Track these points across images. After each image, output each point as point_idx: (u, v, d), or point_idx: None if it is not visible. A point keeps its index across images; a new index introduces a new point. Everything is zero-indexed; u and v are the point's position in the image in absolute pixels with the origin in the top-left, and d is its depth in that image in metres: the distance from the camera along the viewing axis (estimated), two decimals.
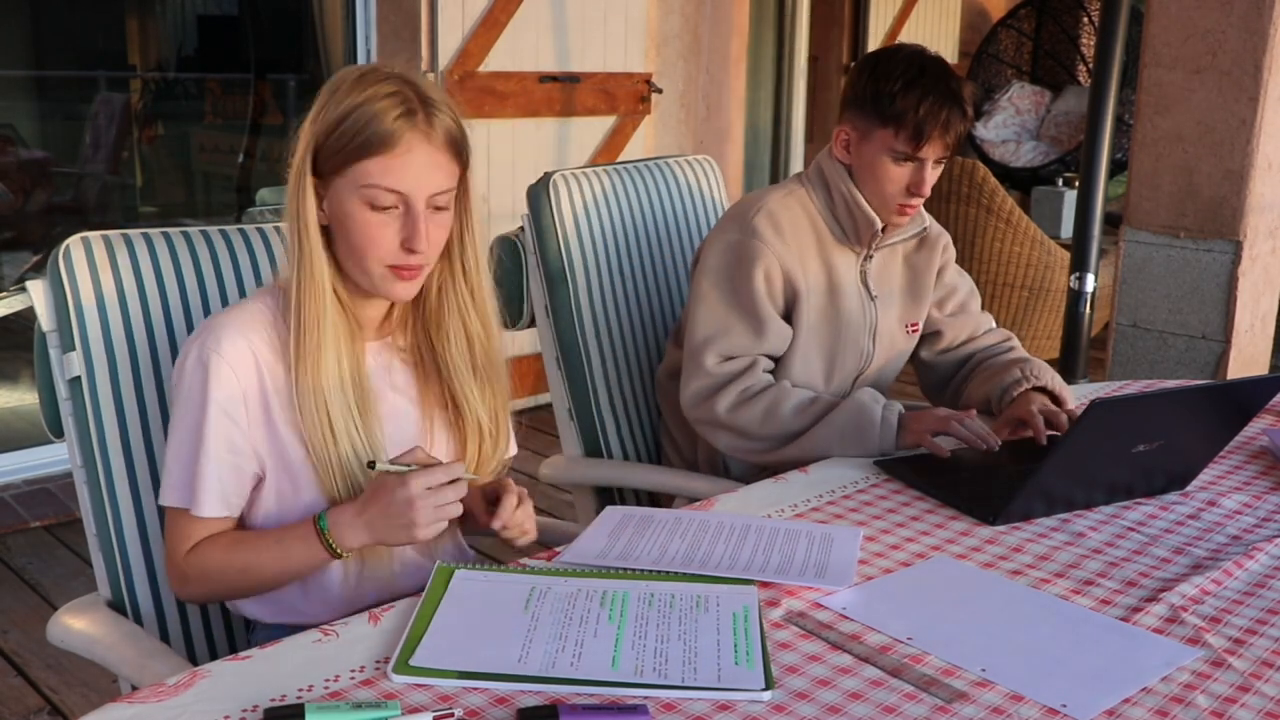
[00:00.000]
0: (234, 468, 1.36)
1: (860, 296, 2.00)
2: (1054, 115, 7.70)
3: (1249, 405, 1.65)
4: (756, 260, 1.89)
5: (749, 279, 1.89)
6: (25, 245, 4.88)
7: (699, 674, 1.12)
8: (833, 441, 1.82)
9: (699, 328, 1.92)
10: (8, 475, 3.59)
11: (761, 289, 1.90)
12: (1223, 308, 3.09)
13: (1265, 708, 1.11)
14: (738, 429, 1.88)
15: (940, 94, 1.82)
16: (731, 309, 1.91)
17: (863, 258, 2.00)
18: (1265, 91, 2.96)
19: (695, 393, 1.91)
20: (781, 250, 1.91)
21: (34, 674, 2.61)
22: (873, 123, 1.87)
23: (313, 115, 1.34)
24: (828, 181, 1.96)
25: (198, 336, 1.35)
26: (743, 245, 1.91)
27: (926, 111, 1.81)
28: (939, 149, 1.85)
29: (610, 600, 1.26)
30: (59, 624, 1.44)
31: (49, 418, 1.51)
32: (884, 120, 1.84)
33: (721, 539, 1.44)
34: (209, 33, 5.96)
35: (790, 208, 1.95)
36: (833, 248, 1.97)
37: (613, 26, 4.55)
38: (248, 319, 1.36)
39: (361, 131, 1.30)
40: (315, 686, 1.08)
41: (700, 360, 1.91)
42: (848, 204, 1.94)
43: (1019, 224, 4.68)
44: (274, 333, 1.36)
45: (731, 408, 1.87)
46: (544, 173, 2.14)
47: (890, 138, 1.84)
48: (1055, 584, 1.36)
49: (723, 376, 1.89)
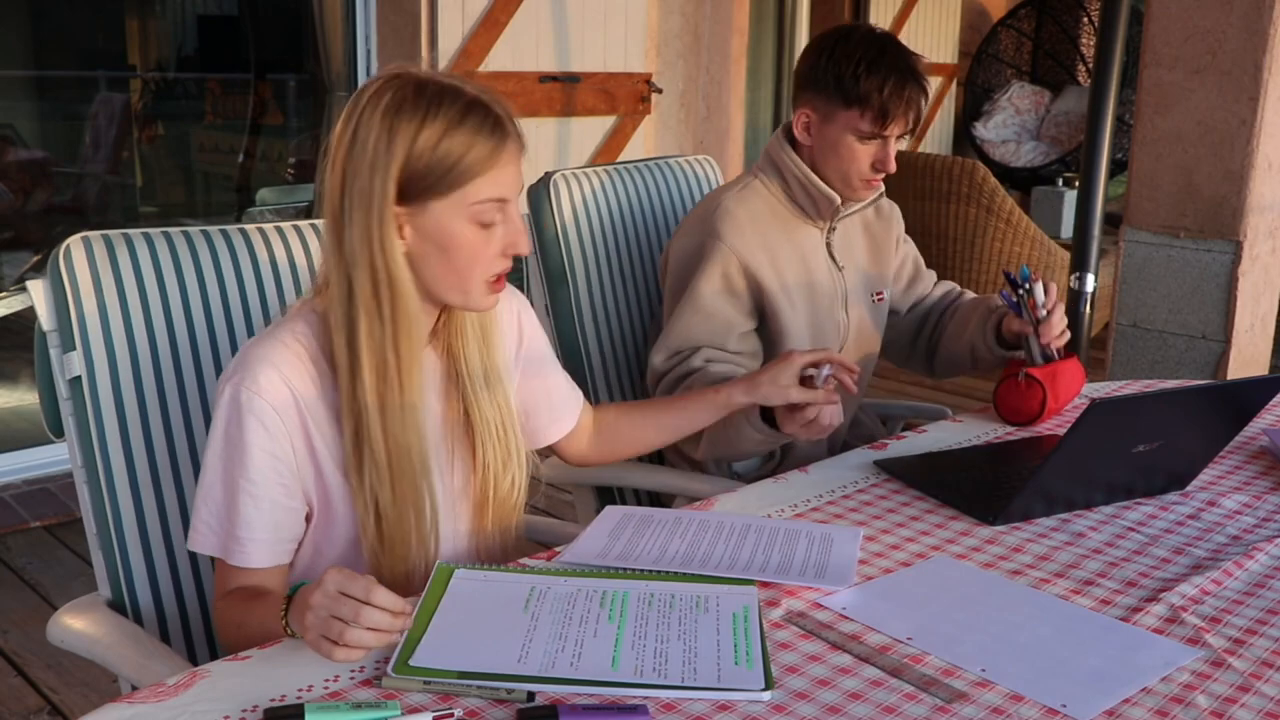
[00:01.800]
0: (287, 510, 1.32)
1: (829, 268, 2.05)
2: (1054, 115, 7.70)
3: (1249, 405, 1.65)
4: (713, 259, 1.93)
5: (701, 277, 1.93)
6: (25, 245, 4.88)
7: (699, 674, 1.12)
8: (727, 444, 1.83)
9: (667, 320, 1.97)
10: (8, 475, 3.59)
11: (716, 286, 1.93)
12: (1223, 308, 3.09)
13: (1265, 708, 1.11)
14: None
15: (902, 73, 1.87)
16: (683, 308, 1.94)
17: (826, 230, 2.05)
18: (1265, 91, 2.96)
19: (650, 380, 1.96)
20: (741, 246, 1.93)
21: (34, 674, 2.61)
22: (835, 104, 1.90)
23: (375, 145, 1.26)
24: (779, 167, 2.01)
25: (233, 374, 1.30)
26: (701, 247, 1.95)
27: (891, 92, 1.86)
28: (902, 126, 1.91)
29: (610, 600, 1.26)
30: (59, 624, 1.44)
31: (49, 417, 1.51)
32: (848, 102, 1.88)
33: (721, 539, 1.44)
34: (209, 33, 5.96)
35: (746, 200, 1.99)
36: (797, 227, 2.02)
37: (613, 26, 4.55)
38: (283, 353, 1.31)
39: (465, 155, 1.28)
40: (315, 686, 1.08)
41: (652, 364, 1.95)
42: (803, 185, 1.98)
43: (1019, 224, 4.68)
44: (313, 366, 1.32)
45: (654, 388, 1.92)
46: (544, 172, 2.14)
47: (855, 118, 1.89)
48: (1055, 584, 1.36)
49: (660, 370, 1.93)
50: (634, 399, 2.19)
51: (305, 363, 1.32)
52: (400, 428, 1.31)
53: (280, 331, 1.34)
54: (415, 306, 1.32)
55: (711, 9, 5.22)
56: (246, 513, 1.30)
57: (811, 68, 1.93)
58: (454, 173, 1.28)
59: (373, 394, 1.29)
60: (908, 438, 1.90)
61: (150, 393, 1.51)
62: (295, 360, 1.31)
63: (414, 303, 1.31)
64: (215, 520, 1.31)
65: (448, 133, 1.27)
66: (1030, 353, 1.91)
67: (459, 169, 1.28)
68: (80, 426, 1.47)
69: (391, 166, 1.26)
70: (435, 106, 1.27)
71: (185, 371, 1.54)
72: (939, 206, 4.76)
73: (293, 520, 1.34)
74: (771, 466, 2.04)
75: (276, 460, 1.30)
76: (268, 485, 1.30)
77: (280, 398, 1.29)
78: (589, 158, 4.56)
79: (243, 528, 1.30)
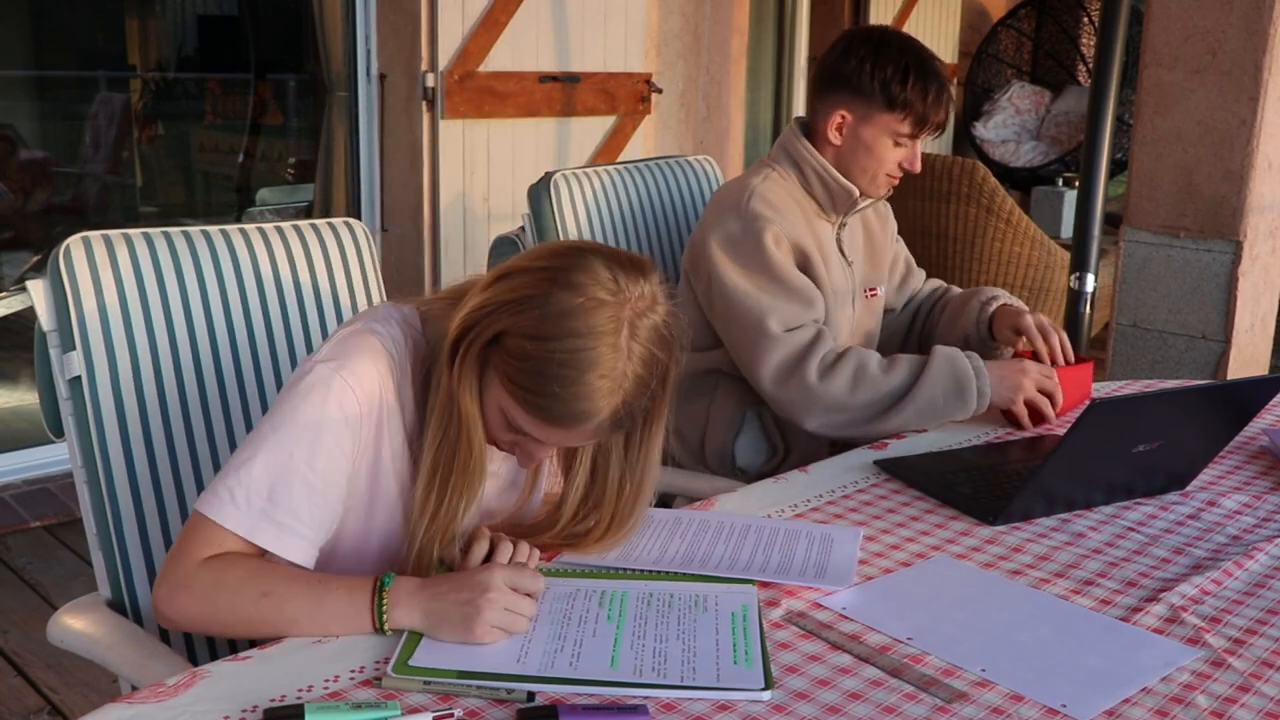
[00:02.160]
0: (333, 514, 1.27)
1: (840, 263, 2.08)
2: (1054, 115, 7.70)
3: (1249, 405, 1.65)
4: (764, 234, 1.93)
5: (768, 256, 1.92)
6: (25, 245, 4.88)
7: (698, 674, 1.12)
8: (937, 400, 1.85)
9: (748, 312, 1.92)
10: (8, 475, 3.59)
11: (783, 260, 1.94)
12: (1223, 308, 3.09)
13: (1265, 708, 1.11)
14: (831, 400, 1.86)
15: (940, 83, 1.96)
16: (767, 287, 1.92)
17: (837, 225, 2.08)
18: (1265, 91, 2.96)
19: (777, 369, 1.89)
20: (782, 223, 1.96)
21: (34, 674, 2.61)
22: (876, 108, 1.96)
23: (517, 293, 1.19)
24: (797, 160, 2.04)
25: (331, 359, 1.25)
26: (747, 229, 1.94)
27: (933, 99, 1.94)
28: (933, 130, 2.00)
29: (609, 600, 1.26)
30: (59, 624, 1.44)
31: (49, 417, 1.51)
32: (891, 106, 1.95)
33: (721, 539, 1.44)
34: (209, 33, 5.96)
35: (773, 188, 2.01)
36: (814, 221, 2.04)
37: (613, 26, 4.55)
38: (384, 354, 1.27)
39: (542, 395, 1.18)
40: (315, 687, 1.08)
41: (767, 334, 1.89)
42: (822, 179, 2.02)
43: (1019, 224, 4.67)
44: (401, 379, 1.28)
45: (819, 377, 1.87)
46: (545, 172, 2.14)
47: (896, 122, 1.96)
48: (1055, 584, 1.36)
49: (798, 345, 1.89)
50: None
51: (397, 373, 1.28)
52: None
53: (378, 327, 1.29)
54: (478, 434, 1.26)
55: (711, 9, 5.22)
56: (297, 501, 1.22)
57: (853, 71, 1.96)
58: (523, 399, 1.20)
59: None
60: (908, 438, 1.90)
61: (150, 393, 1.51)
62: (391, 366, 1.28)
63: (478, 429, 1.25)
64: (250, 495, 1.21)
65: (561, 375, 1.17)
66: None
67: (528, 402, 1.20)
68: (80, 426, 1.47)
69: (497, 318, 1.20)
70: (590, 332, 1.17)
71: (185, 371, 1.53)
72: (939, 206, 4.75)
73: (331, 526, 1.28)
74: (772, 465, 2.04)
75: (346, 460, 1.26)
76: (330, 481, 1.25)
77: (373, 397, 1.26)
78: (589, 158, 4.56)
79: (287, 515, 1.22)
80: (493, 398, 1.24)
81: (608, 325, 1.17)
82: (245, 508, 1.21)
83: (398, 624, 1.16)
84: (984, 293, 2.14)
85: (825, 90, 2.00)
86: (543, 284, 1.19)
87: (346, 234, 1.72)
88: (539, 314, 1.18)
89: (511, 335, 1.19)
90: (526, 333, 1.18)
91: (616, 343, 1.18)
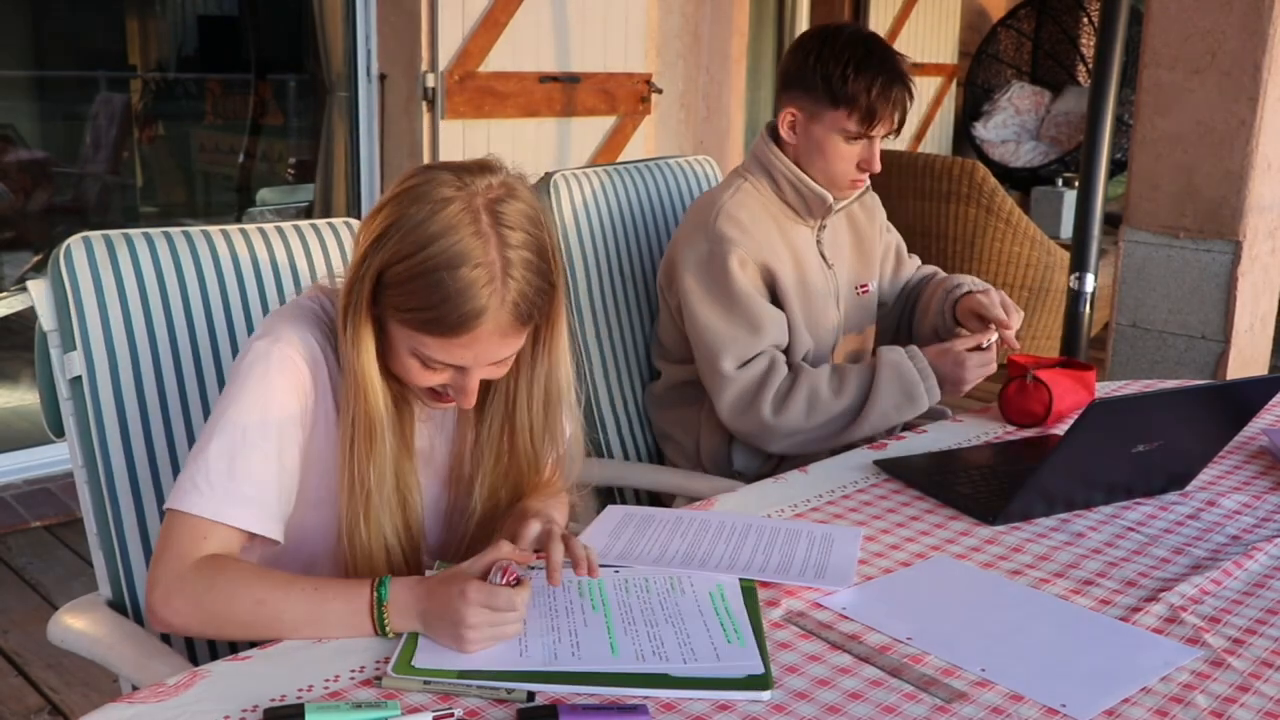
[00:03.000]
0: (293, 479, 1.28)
1: (821, 266, 2.07)
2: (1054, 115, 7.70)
3: (1249, 405, 1.65)
4: (729, 259, 1.92)
5: (730, 281, 1.92)
6: (25, 245, 4.88)
7: (697, 654, 1.14)
8: (889, 413, 1.89)
9: (704, 344, 1.95)
10: (8, 475, 3.59)
11: (745, 285, 1.93)
12: (1222, 308, 3.09)
13: (1265, 708, 1.11)
14: (788, 430, 1.91)
15: (889, 74, 1.89)
16: (726, 316, 1.93)
17: (817, 228, 2.06)
18: (1265, 91, 2.96)
19: (731, 405, 1.93)
20: (749, 243, 1.95)
21: (34, 674, 2.61)
22: (822, 104, 1.92)
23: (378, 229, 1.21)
24: (769, 168, 2.02)
25: (265, 335, 1.27)
26: (713, 251, 1.94)
27: (879, 92, 1.88)
28: (888, 127, 1.93)
29: (588, 589, 1.28)
30: (59, 624, 1.44)
31: (49, 417, 1.51)
32: (835, 102, 1.90)
33: (722, 539, 1.44)
34: (209, 33, 5.96)
35: (743, 203, 1.99)
36: (790, 227, 2.03)
37: (613, 26, 4.55)
38: (309, 318, 1.29)
39: (428, 308, 1.18)
40: (315, 686, 1.08)
41: (720, 371, 1.93)
42: (794, 185, 2.00)
43: (1019, 224, 4.68)
44: (332, 340, 1.30)
45: (774, 412, 1.90)
46: (544, 173, 2.14)
47: (843, 119, 1.91)
48: (1055, 584, 1.36)
49: (751, 382, 1.92)
50: (634, 398, 2.19)
51: (327, 333, 1.30)
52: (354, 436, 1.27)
53: (305, 302, 1.33)
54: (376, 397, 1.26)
55: (711, 9, 5.22)
56: (257, 472, 1.23)
57: (799, 67, 1.95)
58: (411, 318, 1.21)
59: None
60: (908, 438, 1.90)
61: (150, 392, 1.51)
62: (323, 333, 1.30)
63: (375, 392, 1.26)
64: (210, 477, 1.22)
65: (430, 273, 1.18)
66: None
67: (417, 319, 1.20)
68: (80, 426, 1.47)
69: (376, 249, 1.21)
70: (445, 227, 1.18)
71: (185, 371, 1.54)
72: (939, 206, 4.76)
73: (292, 495, 1.29)
74: (770, 467, 2.04)
75: (296, 425, 1.27)
76: (286, 448, 1.26)
77: (313, 361, 1.28)
78: (589, 158, 4.56)
79: (250, 487, 1.23)
80: (399, 343, 1.24)
81: (463, 218, 1.18)
82: (209, 490, 1.22)
83: (397, 629, 1.17)
84: (950, 281, 2.13)
85: (780, 90, 2.01)
86: (396, 210, 1.21)
87: (347, 234, 1.72)
88: (400, 236, 1.19)
89: (387, 270, 1.20)
90: (396, 259, 1.19)
91: (479, 229, 1.18)
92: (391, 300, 1.21)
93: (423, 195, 1.20)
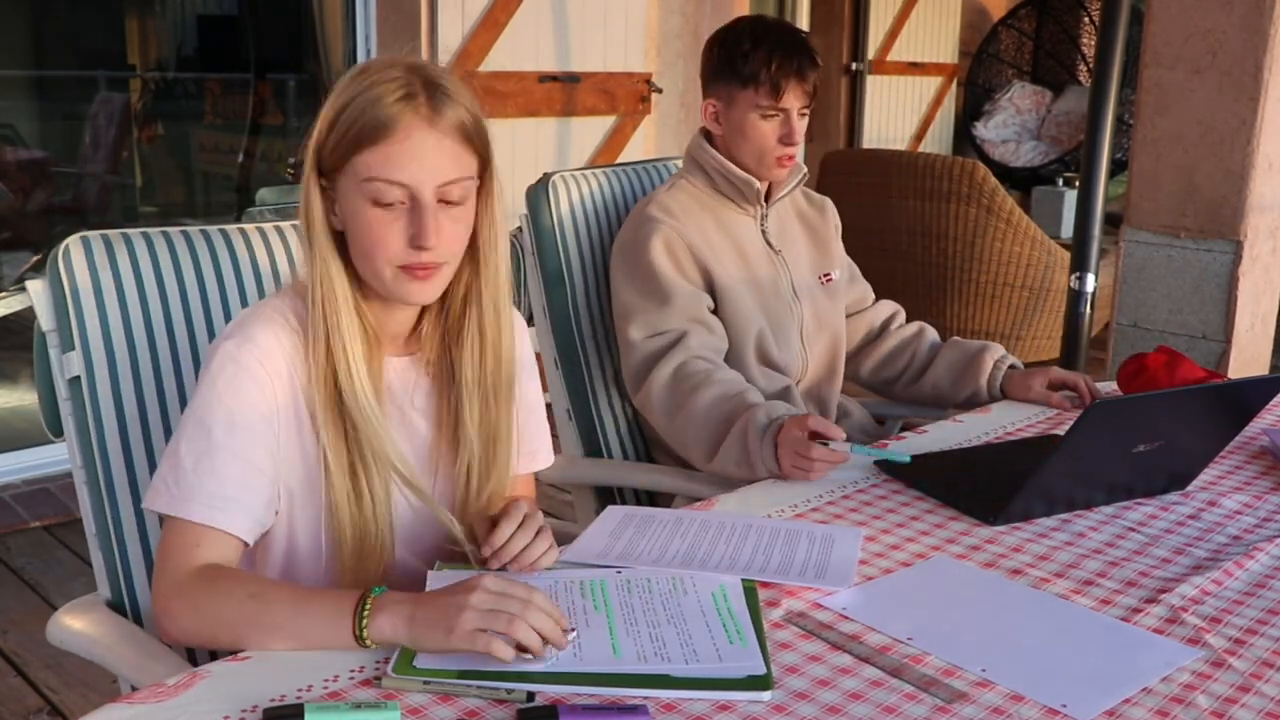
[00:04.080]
0: (268, 480, 1.27)
1: (768, 255, 2.10)
2: (1054, 115, 7.70)
3: (1249, 405, 1.65)
4: (653, 236, 1.97)
5: (648, 255, 1.96)
6: (25, 245, 4.88)
7: (699, 654, 1.14)
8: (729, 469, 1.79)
9: (618, 315, 2.00)
10: (8, 475, 3.59)
11: (665, 262, 1.96)
12: (1223, 308, 3.08)
13: (1265, 708, 1.11)
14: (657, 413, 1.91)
15: (788, 47, 1.96)
16: (639, 288, 1.97)
17: (760, 218, 2.10)
18: (1265, 91, 2.96)
19: (632, 373, 1.97)
20: (679, 226, 1.99)
21: (33, 674, 2.61)
22: (733, 87, 1.99)
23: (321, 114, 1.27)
24: (701, 163, 2.07)
25: (230, 337, 1.27)
26: (639, 230, 1.99)
27: (779, 65, 1.95)
28: (799, 97, 1.98)
29: (590, 590, 1.28)
30: (58, 624, 1.44)
31: (48, 417, 1.51)
32: (743, 82, 1.97)
33: (722, 539, 1.44)
34: (209, 33, 5.96)
35: (677, 196, 2.05)
36: (730, 218, 2.07)
37: (613, 26, 4.55)
38: (281, 324, 1.29)
39: (359, 119, 1.21)
40: (315, 686, 1.08)
41: (626, 338, 1.97)
42: (723, 174, 2.04)
43: (1019, 224, 4.67)
44: (300, 336, 1.30)
45: (664, 385, 1.89)
46: (543, 173, 2.14)
47: (752, 96, 1.97)
48: (1055, 584, 1.36)
49: (651, 352, 1.93)
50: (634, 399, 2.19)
51: (295, 331, 1.30)
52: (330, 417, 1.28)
53: (272, 299, 1.33)
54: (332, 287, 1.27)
55: (711, 9, 5.22)
56: (225, 472, 1.23)
57: (707, 60, 2.04)
58: (348, 139, 1.23)
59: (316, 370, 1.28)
60: (907, 438, 1.90)
61: (150, 392, 1.50)
62: (291, 333, 1.29)
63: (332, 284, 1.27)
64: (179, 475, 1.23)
65: (357, 97, 1.22)
66: None
67: (351, 135, 1.22)
68: (79, 426, 1.47)
69: (314, 135, 1.26)
70: (364, 75, 1.24)
71: (185, 371, 1.53)
72: (939, 206, 4.75)
73: (269, 493, 1.28)
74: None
75: (267, 424, 1.26)
76: (255, 447, 1.25)
77: (278, 362, 1.27)
78: (589, 158, 4.55)
79: (217, 485, 1.23)
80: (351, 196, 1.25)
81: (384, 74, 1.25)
82: (176, 489, 1.23)
83: (379, 631, 1.11)
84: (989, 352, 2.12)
85: (702, 88, 2.07)
86: None
87: None
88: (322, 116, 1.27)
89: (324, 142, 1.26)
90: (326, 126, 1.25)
91: (378, 58, 1.30)
92: (331, 155, 1.25)
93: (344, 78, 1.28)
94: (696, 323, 1.95)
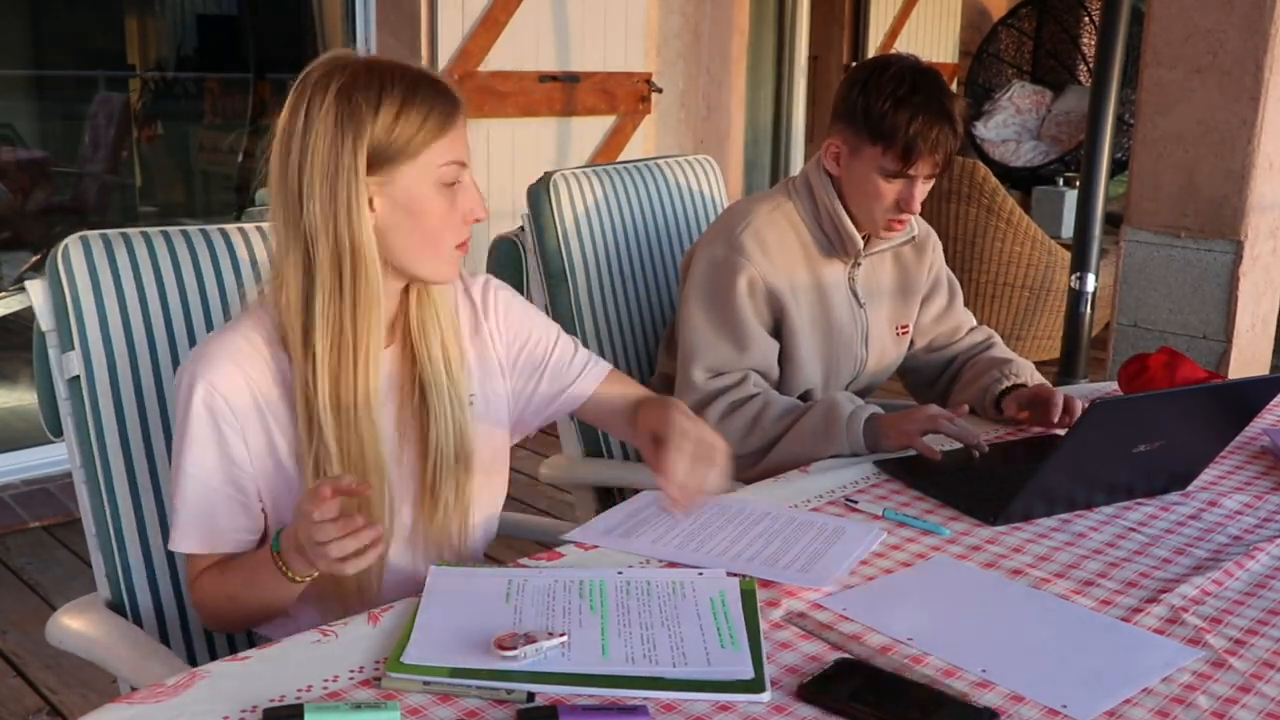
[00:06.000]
0: (242, 506, 1.34)
1: (850, 304, 2.01)
2: (1054, 115, 7.69)
3: (1249, 405, 1.64)
4: (739, 274, 1.89)
5: (733, 295, 1.89)
6: (24, 245, 4.88)
7: (688, 658, 1.13)
8: (804, 442, 1.80)
9: (686, 344, 1.93)
10: (7, 475, 3.59)
11: (746, 305, 1.90)
12: (1223, 308, 3.09)
13: (1266, 708, 1.11)
14: None
15: (931, 112, 1.81)
16: (716, 325, 1.91)
17: (850, 266, 2.01)
18: (1266, 91, 2.96)
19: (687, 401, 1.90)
20: (766, 266, 1.91)
21: (33, 674, 2.61)
22: (862, 139, 1.86)
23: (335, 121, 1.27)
24: (814, 194, 1.97)
25: (189, 366, 1.31)
26: (727, 260, 1.91)
27: (917, 131, 1.80)
28: (928, 167, 1.85)
29: (588, 590, 1.27)
30: (58, 624, 1.44)
31: (48, 417, 1.51)
32: (874, 137, 1.84)
33: (731, 525, 1.45)
34: (209, 32, 5.96)
35: (776, 223, 1.95)
36: (821, 261, 1.98)
37: (613, 26, 4.55)
38: (242, 346, 1.31)
39: (426, 121, 1.31)
40: (314, 687, 1.08)
41: (689, 375, 1.92)
42: (832, 219, 1.95)
43: (1019, 224, 4.68)
44: (271, 360, 1.32)
45: (719, 419, 1.87)
46: (544, 172, 2.14)
47: (879, 155, 1.85)
48: (1055, 584, 1.36)
49: (712, 391, 1.90)
50: None
51: (264, 356, 1.32)
52: (353, 419, 1.31)
53: (239, 324, 1.34)
54: (377, 281, 1.31)
55: (711, 9, 5.22)
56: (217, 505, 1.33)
57: (844, 98, 1.89)
58: (418, 138, 1.31)
59: (327, 378, 1.29)
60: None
61: (149, 393, 1.50)
62: (254, 354, 1.31)
63: (376, 277, 1.31)
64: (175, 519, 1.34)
65: (406, 103, 1.30)
66: None
67: (422, 134, 1.31)
68: (79, 426, 1.47)
69: (360, 140, 1.27)
70: (389, 81, 1.31)
71: None
72: (939, 206, 4.76)
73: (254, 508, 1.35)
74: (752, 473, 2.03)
75: (230, 461, 1.32)
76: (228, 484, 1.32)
77: (238, 394, 1.30)
78: (589, 157, 4.56)
79: (208, 520, 1.33)
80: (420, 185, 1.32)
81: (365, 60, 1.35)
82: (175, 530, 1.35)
83: (300, 571, 1.24)
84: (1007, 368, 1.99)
85: (831, 119, 1.94)
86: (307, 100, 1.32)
87: None
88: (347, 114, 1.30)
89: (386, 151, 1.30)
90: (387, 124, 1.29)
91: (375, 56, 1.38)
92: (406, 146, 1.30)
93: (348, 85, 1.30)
94: (761, 372, 1.92)
